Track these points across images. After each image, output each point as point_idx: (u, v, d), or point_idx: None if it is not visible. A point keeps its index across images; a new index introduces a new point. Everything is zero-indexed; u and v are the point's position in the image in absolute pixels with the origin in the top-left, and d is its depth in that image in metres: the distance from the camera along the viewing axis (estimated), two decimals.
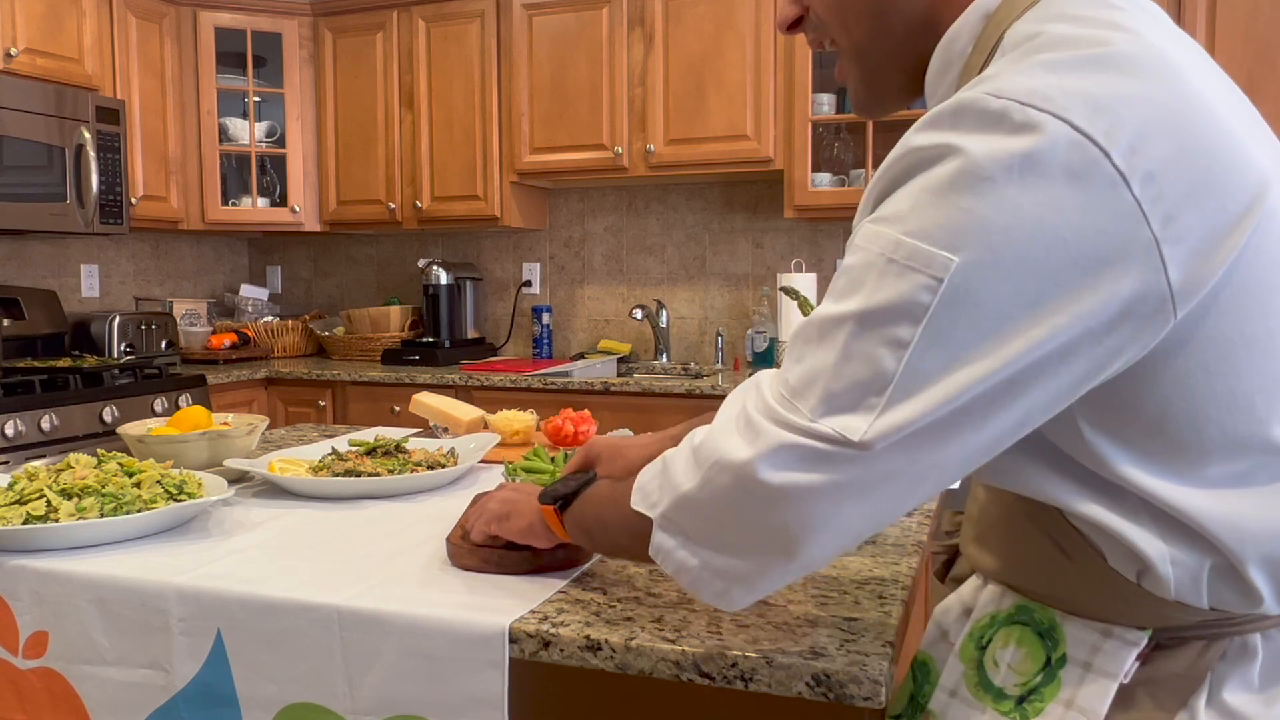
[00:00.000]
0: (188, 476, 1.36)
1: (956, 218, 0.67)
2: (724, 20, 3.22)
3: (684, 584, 0.82)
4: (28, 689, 1.15)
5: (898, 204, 0.70)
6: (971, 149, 0.67)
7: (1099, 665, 0.77)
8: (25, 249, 3.49)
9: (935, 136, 0.69)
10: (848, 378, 0.70)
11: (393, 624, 0.97)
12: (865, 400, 0.70)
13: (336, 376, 3.52)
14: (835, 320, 0.72)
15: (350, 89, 3.81)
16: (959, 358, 0.68)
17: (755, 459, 0.72)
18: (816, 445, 0.71)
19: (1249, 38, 2.72)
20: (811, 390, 0.72)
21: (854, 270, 0.72)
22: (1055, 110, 0.65)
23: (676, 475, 0.80)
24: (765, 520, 0.74)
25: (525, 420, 1.89)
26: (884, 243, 0.70)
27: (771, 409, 0.73)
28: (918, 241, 0.68)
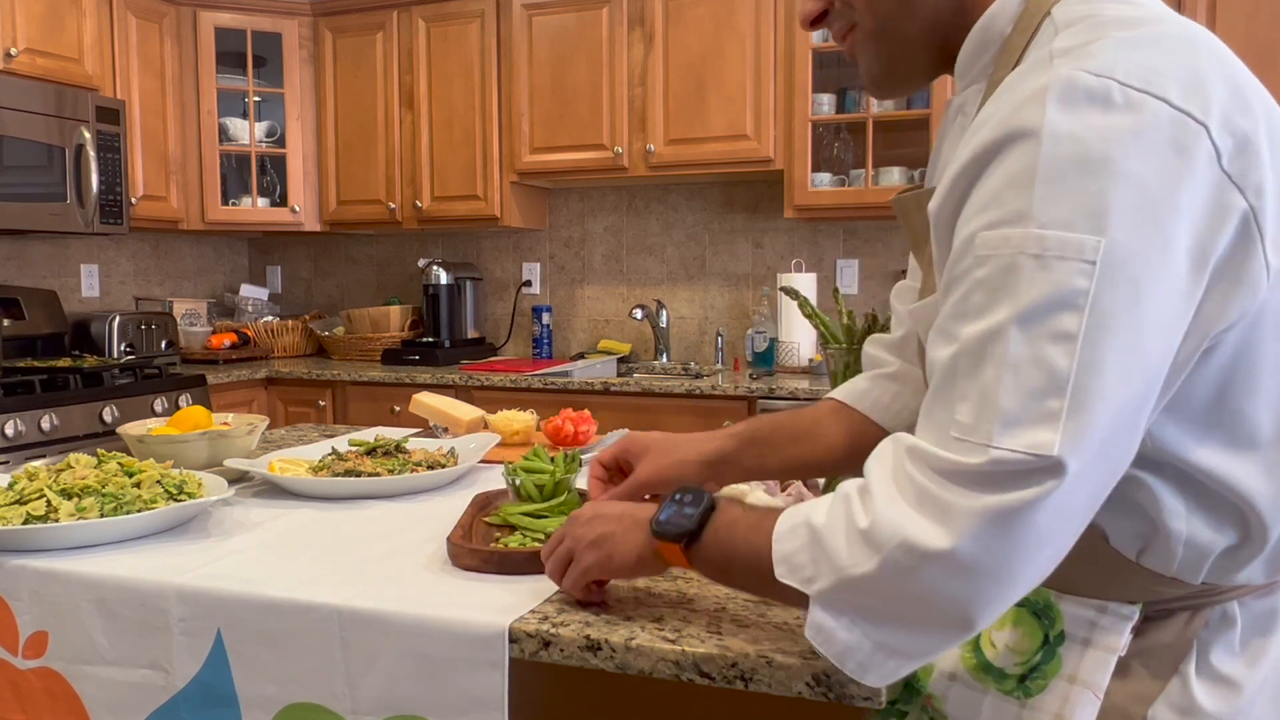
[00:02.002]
0: (188, 476, 1.36)
1: (1090, 200, 0.66)
2: (724, 20, 3.22)
3: (848, 667, 0.76)
4: (28, 689, 1.15)
5: (1015, 201, 0.68)
6: (1082, 131, 0.66)
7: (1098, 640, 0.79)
8: (25, 249, 3.49)
9: (1035, 116, 0.67)
10: (1020, 388, 0.66)
11: (393, 624, 0.97)
12: (1046, 406, 0.65)
13: (336, 376, 3.52)
14: (987, 336, 0.67)
15: (350, 89, 3.81)
16: (1128, 339, 0.66)
17: (956, 548, 0.66)
18: (1007, 473, 0.65)
19: (1249, 38, 2.72)
20: (984, 417, 0.66)
21: (991, 279, 0.68)
22: (1151, 89, 0.67)
23: (839, 555, 0.73)
24: (957, 595, 0.68)
25: (525, 420, 1.89)
26: (1019, 241, 0.67)
27: (947, 464, 0.68)
28: (1059, 231, 0.66)
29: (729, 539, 0.84)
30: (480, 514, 1.27)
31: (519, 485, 1.27)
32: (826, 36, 3.16)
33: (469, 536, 1.16)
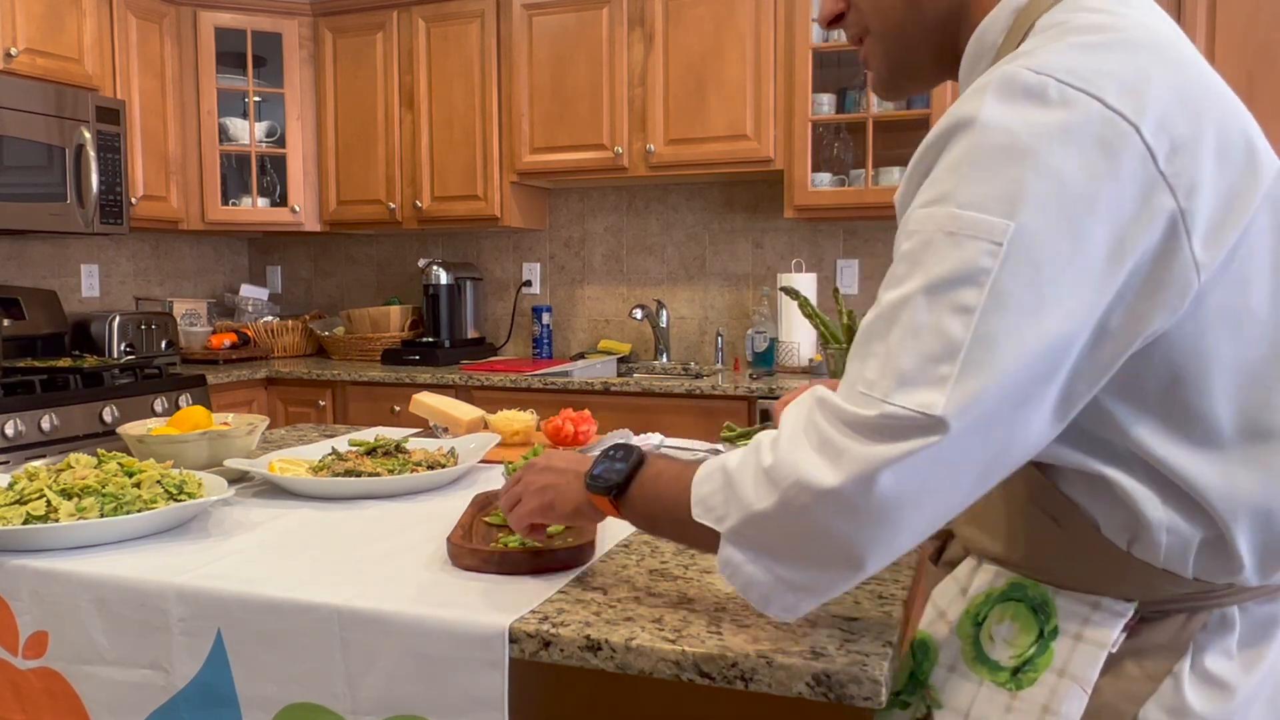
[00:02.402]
0: (188, 476, 1.36)
1: (1007, 187, 0.70)
2: (724, 20, 3.22)
3: (752, 598, 0.82)
4: (28, 689, 1.15)
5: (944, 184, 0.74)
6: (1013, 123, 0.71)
7: (1089, 635, 0.81)
8: (25, 249, 3.49)
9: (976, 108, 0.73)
10: (918, 352, 0.71)
11: (393, 624, 0.97)
12: (938, 371, 0.71)
13: (336, 376, 3.52)
14: (899, 303, 0.74)
15: (350, 89, 3.81)
16: (1024, 319, 0.70)
17: (842, 487, 0.73)
18: (896, 426, 0.71)
19: (1249, 38, 2.72)
20: (886, 375, 0.73)
21: (912, 252, 0.75)
22: (1088, 88, 0.70)
23: (746, 493, 0.79)
24: (846, 533, 0.75)
25: (525, 420, 1.89)
26: (939, 219, 0.73)
27: (848, 415, 0.74)
28: (974, 212, 0.71)
29: (654, 490, 0.91)
30: (480, 514, 1.27)
31: None
32: (827, 37, 3.16)
33: (469, 536, 1.17)
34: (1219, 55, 2.74)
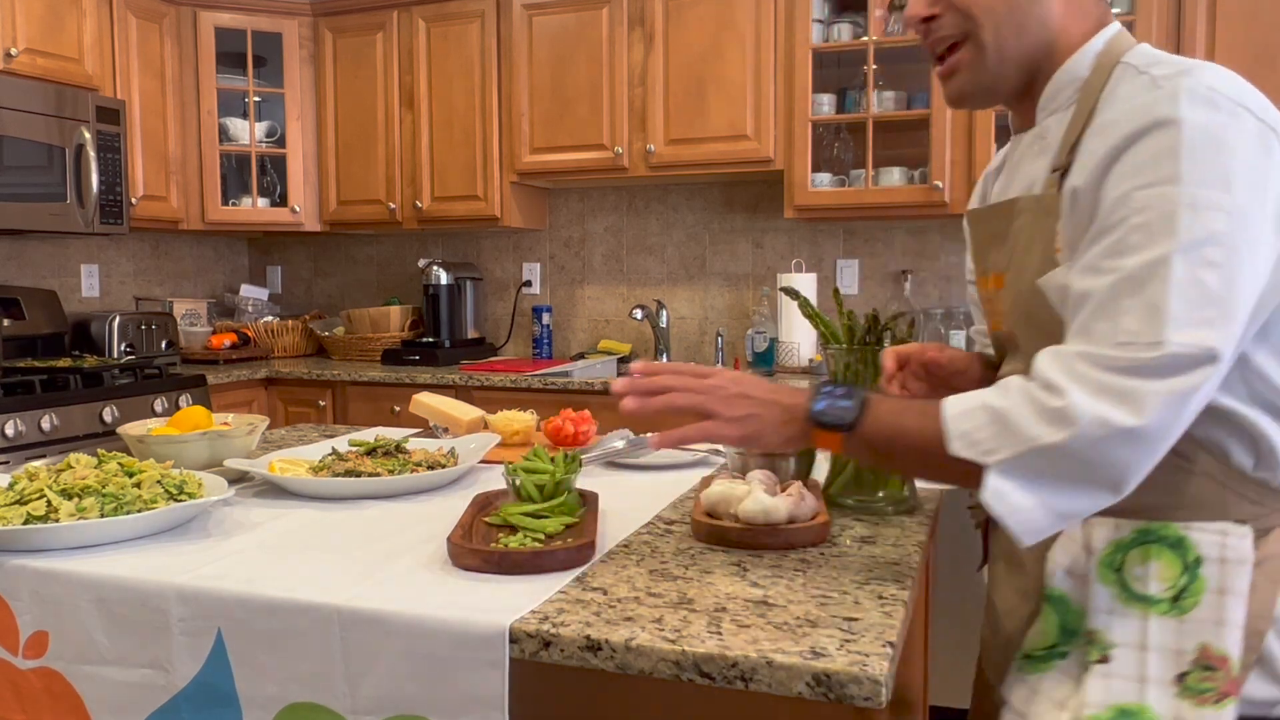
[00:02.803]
0: (188, 476, 1.36)
1: (1221, 171, 0.89)
2: (724, 20, 3.22)
3: (1011, 523, 0.93)
4: (28, 689, 1.15)
5: (1166, 168, 0.90)
6: (1209, 124, 0.91)
7: (1231, 556, 0.94)
8: (25, 249, 3.49)
9: (1172, 110, 0.91)
10: (1185, 300, 0.87)
11: (393, 624, 0.97)
12: (1204, 314, 0.87)
13: (336, 376, 3.52)
14: (1151, 264, 0.89)
15: (350, 89, 3.81)
16: (1248, 270, 0.89)
17: (1146, 425, 0.87)
18: (1180, 363, 0.87)
19: (1249, 38, 2.72)
20: (1155, 323, 0.88)
21: (1151, 224, 0.90)
22: (1242, 102, 0.92)
23: (1029, 430, 0.91)
24: (1127, 462, 0.89)
25: (525, 420, 1.89)
26: (1174, 196, 0.89)
27: (1124, 361, 0.89)
28: (1204, 190, 0.89)
29: (895, 423, 1.01)
30: (480, 514, 1.27)
31: (519, 485, 1.27)
32: (827, 37, 3.16)
33: (469, 536, 1.17)
34: (1219, 55, 2.74)
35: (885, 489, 1.37)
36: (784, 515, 1.20)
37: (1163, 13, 2.79)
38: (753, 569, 1.11)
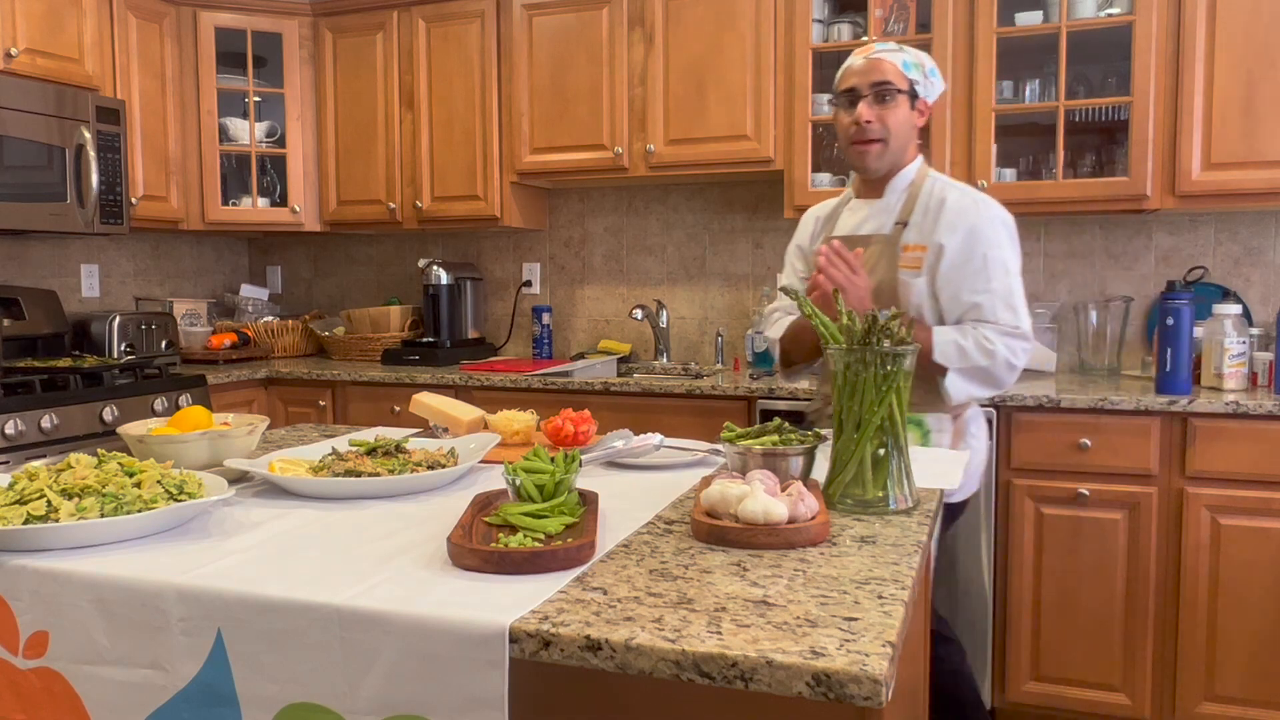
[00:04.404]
0: (188, 476, 1.36)
1: (1012, 242, 2.04)
2: (724, 20, 3.22)
3: (953, 395, 1.99)
4: (28, 689, 1.15)
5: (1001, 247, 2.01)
6: (1005, 218, 2.05)
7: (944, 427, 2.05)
8: (25, 249, 3.49)
9: (991, 212, 2.03)
10: (1021, 307, 2.00)
11: (393, 624, 0.97)
12: (1025, 314, 2.01)
13: (336, 376, 3.52)
14: (1009, 289, 1.99)
15: (350, 89, 3.81)
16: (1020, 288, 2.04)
17: (1023, 361, 1.99)
18: (1026, 334, 2.00)
19: (1249, 38, 2.72)
20: (1015, 316, 1.99)
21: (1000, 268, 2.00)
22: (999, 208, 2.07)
23: (974, 357, 1.96)
24: (1009, 378, 2.00)
25: (525, 420, 1.89)
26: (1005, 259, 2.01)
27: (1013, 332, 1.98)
28: (1010, 252, 2.03)
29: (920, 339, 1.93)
30: (480, 514, 1.27)
31: (519, 485, 1.27)
32: (827, 37, 3.16)
33: (469, 536, 1.17)
34: (1219, 55, 2.74)
35: (885, 489, 1.37)
36: (784, 515, 1.20)
37: (1163, 12, 2.79)
38: (753, 569, 1.11)
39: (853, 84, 2.03)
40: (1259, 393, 2.66)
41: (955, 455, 1.79)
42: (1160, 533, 2.62)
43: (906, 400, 1.39)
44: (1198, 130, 2.77)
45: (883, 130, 1.99)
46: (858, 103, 2.00)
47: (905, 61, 2.03)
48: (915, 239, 2.04)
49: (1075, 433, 2.66)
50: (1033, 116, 3.14)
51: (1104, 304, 3.16)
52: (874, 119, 1.98)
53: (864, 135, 2.00)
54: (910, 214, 2.05)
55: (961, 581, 2.78)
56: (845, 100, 2.04)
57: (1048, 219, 3.28)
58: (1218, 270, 3.13)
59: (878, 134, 1.99)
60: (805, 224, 2.28)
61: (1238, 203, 2.81)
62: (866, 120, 1.98)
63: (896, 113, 2.00)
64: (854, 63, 2.05)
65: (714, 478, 1.39)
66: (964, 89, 2.97)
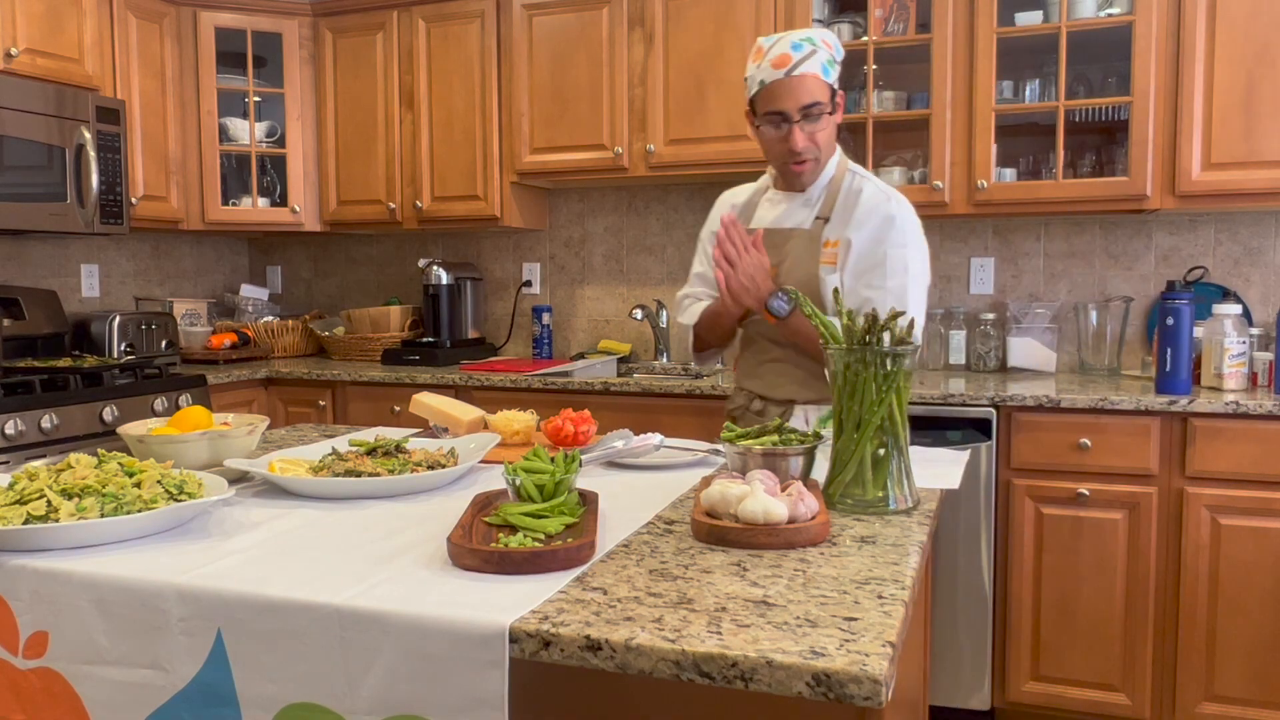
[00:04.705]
0: (188, 476, 1.36)
1: (918, 242, 2.02)
2: (724, 20, 3.22)
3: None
4: (28, 689, 1.15)
5: (904, 242, 1.98)
6: (911, 216, 2.04)
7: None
8: (25, 249, 3.49)
9: (896, 209, 2.01)
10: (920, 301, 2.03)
11: (393, 624, 0.97)
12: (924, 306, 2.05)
13: (336, 376, 3.52)
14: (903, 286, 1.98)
15: (350, 89, 3.81)
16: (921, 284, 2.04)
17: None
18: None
19: (1249, 38, 2.72)
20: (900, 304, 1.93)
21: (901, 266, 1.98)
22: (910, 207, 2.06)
23: None
24: None
25: (525, 420, 1.89)
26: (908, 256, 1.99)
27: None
28: (915, 251, 2.01)
29: (804, 325, 1.91)
30: (480, 514, 1.27)
31: (519, 485, 1.27)
32: None
33: (469, 536, 1.17)
34: (1219, 55, 2.74)
35: (885, 489, 1.37)
36: (784, 515, 1.20)
37: (1163, 12, 2.79)
38: (753, 569, 1.11)
39: (782, 108, 1.94)
40: (1259, 393, 2.66)
41: (956, 455, 1.79)
42: (1160, 533, 2.62)
43: (906, 400, 1.39)
44: (1198, 130, 2.77)
45: (816, 150, 1.99)
46: (787, 124, 1.95)
47: (824, 66, 1.94)
48: (833, 234, 2.03)
49: (1075, 433, 2.66)
50: (1033, 116, 3.14)
51: (1104, 304, 3.17)
52: (807, 143, 1.96)
53: (799, 159, 1.98)
54: (831, 209, 2.04)
55: (961, 581, 2.78)
56: (774, 120, 1.96)
57: (1048, 219, 3.28)
58: (1218, 270, 3.13)
59: (812, 155, 1.99)
60: (720, 209, 2.24)
61: (1238, 203, 2.81)
62: (802, 147, 1.96)
63: (826, 128, 1.98)
64: (775, 78, 1.93)
65: (714, 478, 1.39)
66: (964, 89, 2.97)
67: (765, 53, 1.97)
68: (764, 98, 1.97)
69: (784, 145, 1.98)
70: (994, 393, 2.72)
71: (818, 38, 1.96)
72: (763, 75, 1.96)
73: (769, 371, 2.12)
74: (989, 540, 2.75)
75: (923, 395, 2.76)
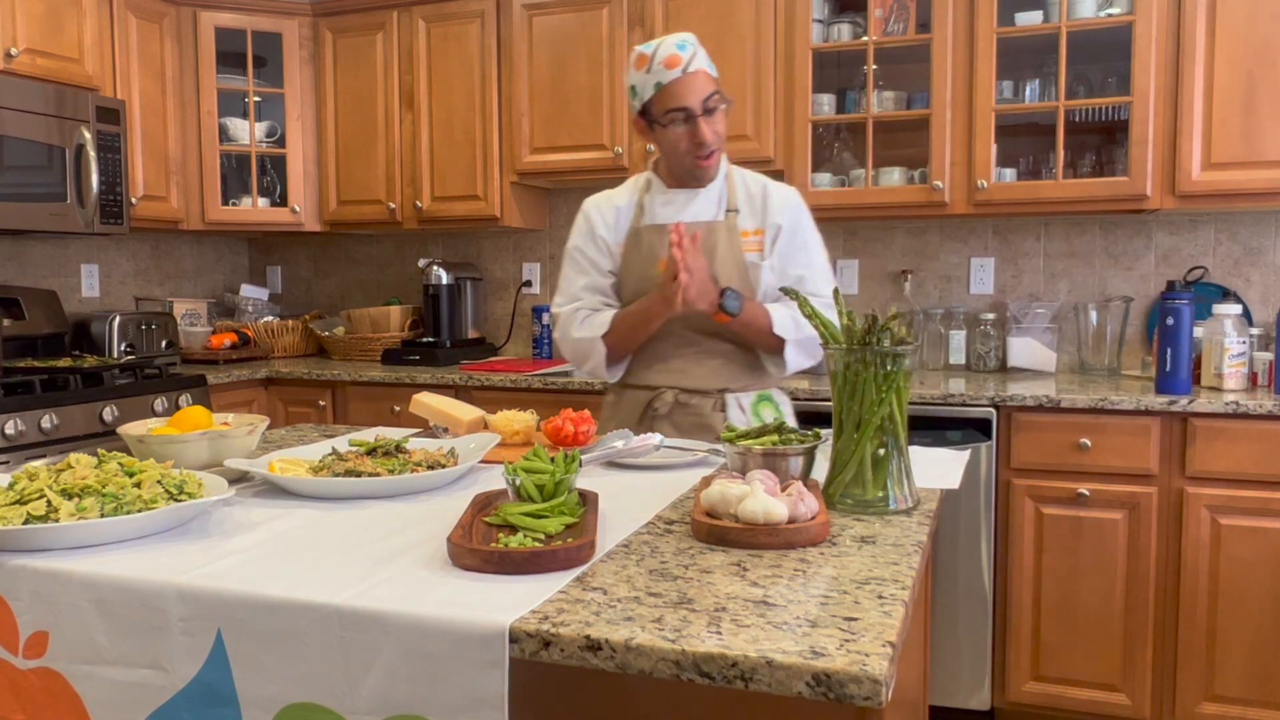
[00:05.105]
0: (188, 476, 1.36)
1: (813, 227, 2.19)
2: (724, 20, 3.22)
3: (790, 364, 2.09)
4: (28, 689, 1.15)
5: (809, 229, 2.16)
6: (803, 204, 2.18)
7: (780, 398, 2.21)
8: (25, 249, 3.49)
9: (798, 197, 2.17)
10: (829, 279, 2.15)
11: (393, 624, 0.97)
12: None
13: (336, 376, 3.52)
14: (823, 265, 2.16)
15: (350, 89, 3.81)
16: None
17: None
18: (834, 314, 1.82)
19: (1249, 38, 2.72)
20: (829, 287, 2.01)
21: (815, 246, 2.16)
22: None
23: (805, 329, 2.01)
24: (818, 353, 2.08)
25: (525, 420, 1.89)
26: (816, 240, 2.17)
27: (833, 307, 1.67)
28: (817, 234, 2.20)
29: (752, 315, 2.03)
30: (480, 514, 1.27)
31: (519, 485, 1.27)
32: (827, 37, 3.16)
33: (469, 536, 1.17)
34: (1219, 55, 2.74)
35: (885, 489, 1.37)
36: (784, 515, 1.20)
37: (1163, 12, 2.79)
38: (753, 569, 1.11)
39: (684, 104, 1.99)
40: (1259, 393, 2.66)
41: (956, 455, 1.79)
42: (1160, 533, 2.62)
43: (906, 400, 1.39)
44: (1198, 130, 2.78)
45: (719, 141, 2.05)
46: (691, 120, 2.00)
47: (708, 62, 2.03)
48: (750, 224, 2.10)
49: (1075, 433, 2.66)
50: (1033, 116, 3.14)
51: (1104, 304, 3.17)
52: (713, 135, 2.02)
53: (707, 151, 2.02)
54: (736, 201, 2.11)
55: (961, 581, 2.78)
56: (677, 118, 2.00)
57: (1048, 219, 3.28)
58: (1218, 270, 3.13)
59: (717, 146, 2.05)
60: (598, 215, 2.17)
61: (1238, 203, 2.81)
62: (709, 139, 2.01)
63: (722, 121, 2.06)
64: (673, 77, 1.99)
65: (714, 478, 1.39)
66: (964, 89, 2.97)
67: (651, 58, 2.01)
68: (664, 97, 2.01)
69: (690, 141, 2.02)
70: (994, 393, 2.73)
71: (690, 38, 2.03)
72: (658, 77, 2.00)
73: (698, 364, 2.10)
74: (989, 540, 2.75)
75: (923, 395, 2.76)
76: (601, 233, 2.15)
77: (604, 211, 2.17)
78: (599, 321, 2.11)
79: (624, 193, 2.20)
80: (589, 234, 2.17)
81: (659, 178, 2.16)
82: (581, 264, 2.17)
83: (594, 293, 2.16)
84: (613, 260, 2.15)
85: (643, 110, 2.06)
